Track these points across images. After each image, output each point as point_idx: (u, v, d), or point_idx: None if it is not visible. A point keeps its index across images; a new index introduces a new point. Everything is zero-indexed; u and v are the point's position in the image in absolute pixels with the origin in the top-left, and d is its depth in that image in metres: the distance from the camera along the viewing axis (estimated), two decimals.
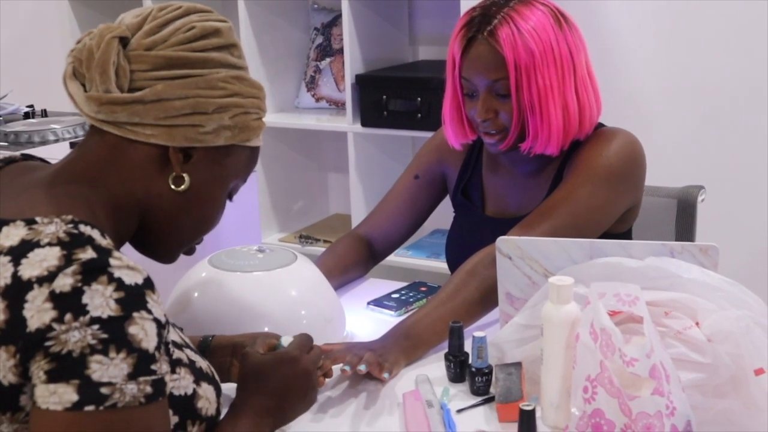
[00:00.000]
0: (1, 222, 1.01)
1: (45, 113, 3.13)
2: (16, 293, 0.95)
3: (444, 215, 1.98)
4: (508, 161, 1.77)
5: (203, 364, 1.16)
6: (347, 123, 2.95)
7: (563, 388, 1.23)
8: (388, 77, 2.88)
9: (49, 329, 0.93)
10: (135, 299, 0.97)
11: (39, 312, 0.94)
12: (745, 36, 2.70)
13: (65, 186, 1.08)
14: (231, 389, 1.23)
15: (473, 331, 1.39)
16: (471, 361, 1.37)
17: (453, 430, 1.25)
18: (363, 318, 1.70)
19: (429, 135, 1.96)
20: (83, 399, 0.93)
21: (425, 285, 1.82)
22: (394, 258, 2.45)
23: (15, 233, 0.99)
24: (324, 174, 3.48)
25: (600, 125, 1.72)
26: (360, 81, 2.89)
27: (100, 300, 0.94)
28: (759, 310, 1.21)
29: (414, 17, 3.16)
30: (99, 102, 1.08)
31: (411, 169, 1.91)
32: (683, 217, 1.98)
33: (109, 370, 0.94)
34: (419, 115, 2.79)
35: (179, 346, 1.13)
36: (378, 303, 1.74)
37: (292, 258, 1.59)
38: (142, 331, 0.96)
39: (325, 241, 3.10)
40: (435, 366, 1.46)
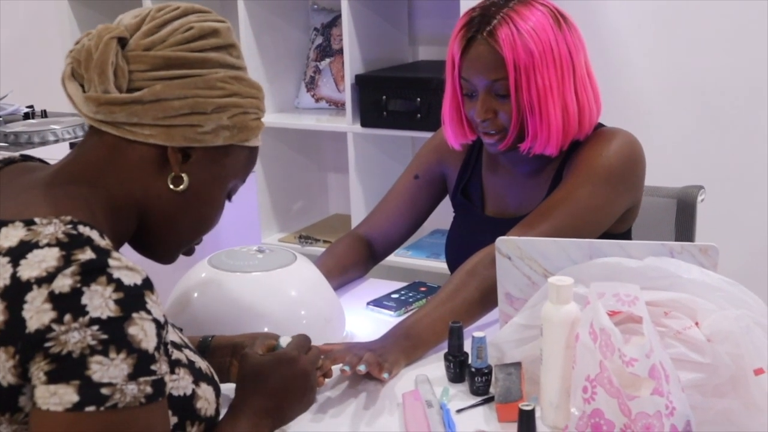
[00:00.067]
0: (0, 223, 1.01)
1: (45, 114, 3.12)
2: (15, 294, 0.95)
3: (444, 215, 1.98)
4: (507, 161, 1.77)
5: (202, 364, 1.16)
6: (347, 123, 2.95)
7: (563, 388, 1.23)
8: (387, 77, 2.88)
9: (49, 330, 0.93)
10: (134, 300, 0.97)
11: (38, 313, 0.94)
12: (745, 36, 2.70)
13: (64, 187, 1.08)
14: (230, 390, 1.23)
15: (473, 331, 1.39)
16: (471, 361, 1.37)
17: (453, 430, 1.25)
18: (363, 318, 1.70)
19: (429, 135, 1.96)
20: (84, 400, 0.93)
21: (425, 285, 1.81)
22: (393, 258, 2.45)
23: (14, 234, 0.99)
24: (324, 174, 3.48)
25: (600, 125, 1.72)
26: (360, 81, 2.89)
27: (99, 301, 0.94)
28: (759, 310, 1.21)
29: (414, 17, 3.16)
30: (97, 102, 1.08)
31: (411, 170, 1.91)
32: (683, 217, 1.98)
33: (110, 370, 0.94)
34: (419, 116, 2.79)
35: (178, 346, 1.13)
36: (377, 303, 1.74)
37: (291, 258, 1.59)
38: (141, 332, 0.96)
39: (325, 242, 3.09)
40: (435, 366, 1.46)
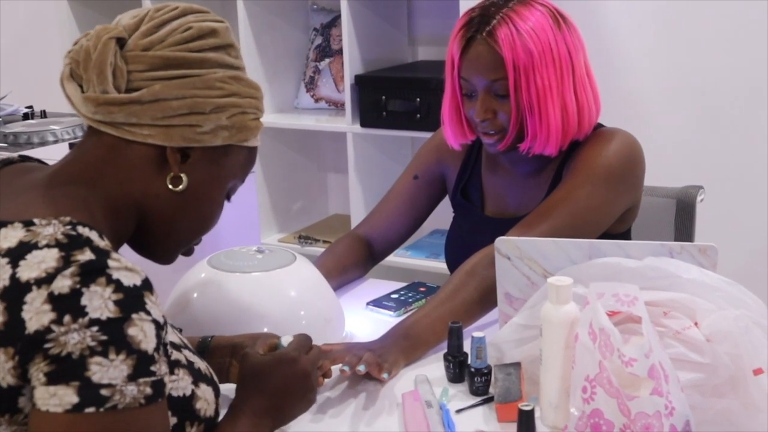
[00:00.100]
0: None
1: (44, 114, 3.12)
2: (14, 295, 0.95)
3: (443, 215, 1.98)
4: (507, 161, 1.77)
5: (202, 365, 1.16)
6: (346, 123, 2.95)
7: (562, 388, 1.23)
8: (387, 78, 2.88)
9: (48, 331, 0.93)
10: (134, 301, 0.97)
11: (38, 314, 0.94)
12: (745, 36, 2.70)
13: (63, 187, 1.08)
14: (230, 390, 1.23)
15: (472, 332, 1.39)
16: (470, 362, 1.37)
17: (452, 430, 1.25)
18: (362, 318, 1.70)
19: (428, 135, 1.96)
20: (83, 401, 0.93)
21: (424, 285, 1.81)
22: (393, 258, 2.45)
23: (13, 235, 0.99)
24: (323, 174, 3.48)
25: (599, 125, 1.72)
26: (359, 81, 2.89)
27: (98, 302, 0.94)
28: (758, 310, 1.21)
29: (413, 18, 3.16)
30: (96, 103, 1.08)
31: (410, 170, 1.91)
32: (682, 217, 1.98)
33: (109, 371, 0.94)
34: (418, 116, 2.79)
35: (178, 347, 1.13)
36: (377, 303, 1.74)
37: (291, 258, 1.59)
38: (141, 333, 0.96)
39: (325, 242, 3.09)
40: (434, 366, 1.46)
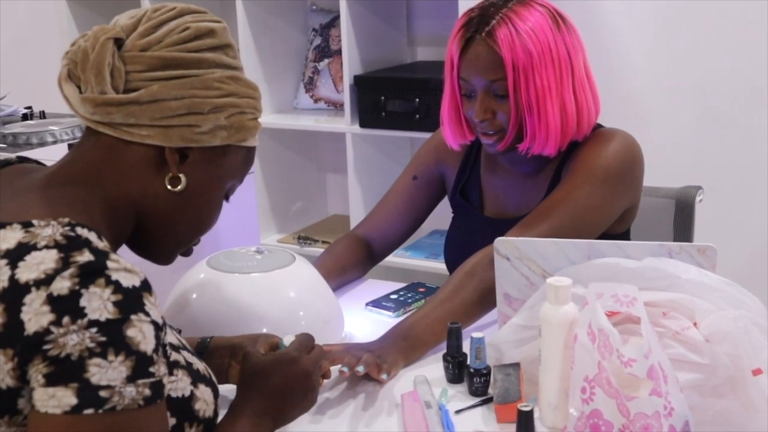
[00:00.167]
0: None
1: (43, 115, 3.12)
2: (13, 296, 0.95)
3: (442, 216, 1.98)
4: (506, 162, 1.77)
5: (201, 366, 1.16)
6: (345, 124, 2.95)
7: (561, 388, 1.23)
8: (386, 78, 2.88)
9: (47, 332, 0.93)
10: (133, 302, 0.97)
11: (37, 315, 0.93)
12: (744, 36, 2.70)
13: (61, 188, 1.08)
14: (229, 391, 1.23)
15: (471, 332, 1.39)
16: (469, 362, 1.37)
17: (451, 431, 1.25)
18: (361, 319, 1.70)
19: (427, 136, 1.96)
20: (82, 402, 0.93)
21: (424, 286, 1.81)
22: (392, 259, 2.45)
23: (12, 236, 0.99)
24: (322, 175, 3.48)
25: (598, 126, 1.72)
26: (358, 82, 2.89)
27: (98, 303, 0.94)
28: (757, 310, 1.21)
29: (412, 18, 3.16)
30: (94, 103, 1.08)
31: (409, 170, 1.91)
32: (681, 218, 1.98)
33: (108, 373, 0.94)
34: (417, 116, 2.79)
35: (176, 348, 1.13)
36: (376, 304, 1.74)
37: (290, 259, 1.58)
38: (140, 334, 0.96)
39: (324, 242, 3.09)
40: (433, 367, 1.46)
